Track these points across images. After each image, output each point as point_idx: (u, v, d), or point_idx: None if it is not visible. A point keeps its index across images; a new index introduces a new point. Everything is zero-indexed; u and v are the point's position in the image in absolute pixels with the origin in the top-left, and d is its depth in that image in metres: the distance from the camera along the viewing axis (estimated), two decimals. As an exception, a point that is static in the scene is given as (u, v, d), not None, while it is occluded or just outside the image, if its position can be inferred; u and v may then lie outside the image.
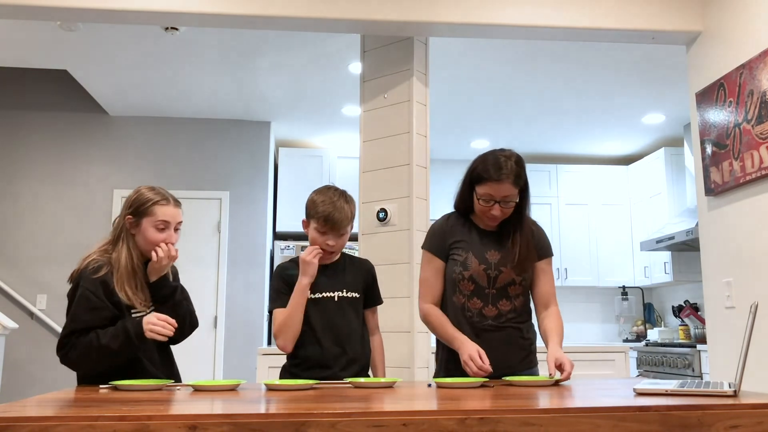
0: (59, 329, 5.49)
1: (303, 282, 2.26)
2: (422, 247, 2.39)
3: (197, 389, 1.87)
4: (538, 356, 2.37)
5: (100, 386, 1.99)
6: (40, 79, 5.82)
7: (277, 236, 6.34)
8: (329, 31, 3.55)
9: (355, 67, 4.80)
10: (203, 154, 5.98)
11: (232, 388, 1.89)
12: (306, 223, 2.37)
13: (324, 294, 2.33)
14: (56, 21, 3.84)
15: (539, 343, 2.34)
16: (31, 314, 5.55)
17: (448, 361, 2.31)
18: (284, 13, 3.33)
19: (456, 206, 2.40)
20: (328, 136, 6.41)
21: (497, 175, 2.19)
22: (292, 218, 6.15)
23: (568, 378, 2.04)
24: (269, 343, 5.89)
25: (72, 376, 6.08)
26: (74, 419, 1.25)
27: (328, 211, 2.27)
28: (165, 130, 5.97)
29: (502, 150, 2.27)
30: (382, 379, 2.03)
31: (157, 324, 2.09)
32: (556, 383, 2.00)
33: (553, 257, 2.41)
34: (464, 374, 2.18)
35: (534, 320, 2.37)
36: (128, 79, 5.11)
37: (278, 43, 4.46)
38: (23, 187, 5.73)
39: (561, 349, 2.18)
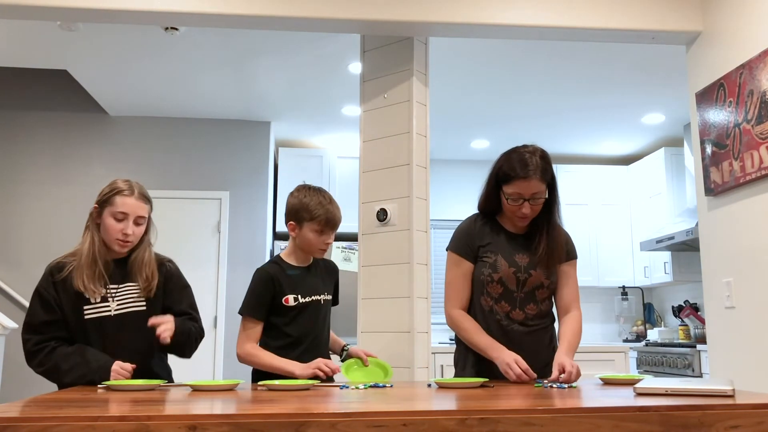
0: (59, 329, 5.49)
1: (295, 372, 2.19)
2: (449, 249, 2.32)
3: (196, 389, 1.87)
4: None
5: (98, 386, 1.99)
6: (40, 79, 5.81)
7: (277, 236, 6.34)
8: (329, 31, 3.55)
9: (355, 67, 4.80)
10: (203, 154, 5.98)
11: (232, 388, 1.89)
12: (295, 226, 2.32)
13: (313, 297, 2.34)
14: (56, 21, 3.84)
15: None
16: (31, 314, 5.54)
17: (478, 363, 2.25)
18: (284, 13, 3.33)
19: (481, 208, 2.33)
20: (328, 136, 6.41)
21: (524, 173, 2.14)
22: (292, 218, 6.14)
23: (569, 378, 2.00)
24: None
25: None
26: (74, 419, 1.25)
27: (331, 212, 2.29)
28: (165, 130, 5.96)
29: (525, 146, 2.22)
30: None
31: (120, 373, 2.09)
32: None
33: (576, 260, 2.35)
34: (495, 376, 2.16)
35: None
36: (128, 79, 5.11)
37: (278, 43, 4.46)
38: (23, 186, 5.73)
39: (567, 356, 2.11)
